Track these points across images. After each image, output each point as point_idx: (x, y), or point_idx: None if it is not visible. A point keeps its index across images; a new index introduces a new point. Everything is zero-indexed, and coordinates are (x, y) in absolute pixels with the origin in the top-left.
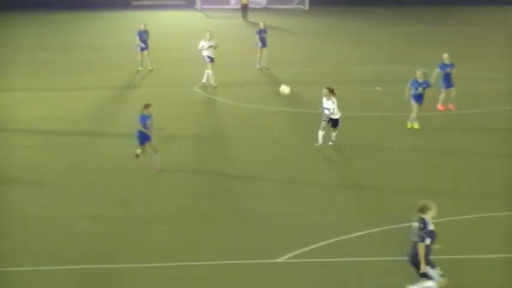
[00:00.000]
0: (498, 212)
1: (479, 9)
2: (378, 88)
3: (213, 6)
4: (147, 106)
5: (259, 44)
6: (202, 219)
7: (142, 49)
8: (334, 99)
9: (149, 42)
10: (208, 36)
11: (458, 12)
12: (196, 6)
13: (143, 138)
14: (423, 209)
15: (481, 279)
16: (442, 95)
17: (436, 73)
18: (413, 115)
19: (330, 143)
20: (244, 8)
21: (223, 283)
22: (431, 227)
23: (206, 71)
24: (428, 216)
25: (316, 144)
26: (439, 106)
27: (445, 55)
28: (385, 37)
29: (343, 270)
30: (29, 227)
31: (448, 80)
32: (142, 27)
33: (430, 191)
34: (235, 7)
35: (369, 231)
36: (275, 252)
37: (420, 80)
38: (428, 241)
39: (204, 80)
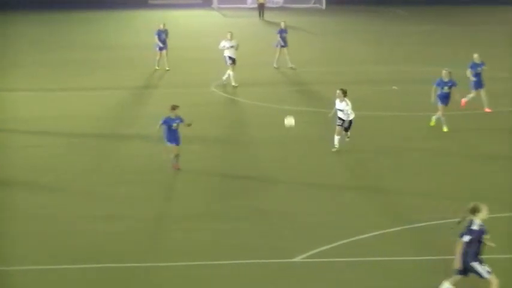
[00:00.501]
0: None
1: (495, 10)
2: (394, 87)
3: (230, 5)
4: (174, 108)
5: (280, 44)
6: (219, 219)
7: (160, 49)
8: (347, 100)
9: (167, 41)
10: (229, 36)
11: (474, 12)
12: (213, 6)
13: (172, 138)
14: (473, 210)
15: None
16: (471, 95)
17: (468, 73)
18: (439, 116)
19: (334, 149)
20: (261, 7)
21: (240, 282)
22: (475, 227)
23: (228, 71)
24: (478, 218)
25: (334, 150)
26: (463, 101)
27: (476, 55)
28: (401, 37)
29: (360, 270)
30: (48, 227)
31: (478, 81)
32: (161, 26)
33: (446, 194)
34: (251, 6)
35: (384, 231)
36: (291, 252)
37: (446, 80)
38: (467, 238)
39: (224, 78)
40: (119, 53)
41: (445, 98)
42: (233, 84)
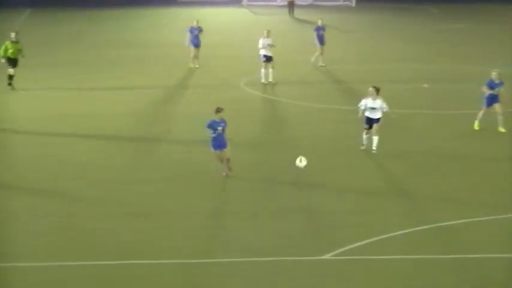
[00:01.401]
0: None
1: None
2: (425, 85)
3: (260, 2)
4: (219, 110)
5: (317, 42)
6: (249, 216)
7: (195, 45)
8: (380, 98)
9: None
10: (265, 33)
11: (507, 11)
12: (242, 3)
13: (217, 144)
14: None
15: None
16: None
17: None
18: (480, 115)
19: (373, 151)
20: (291, 5)
21: (269, 279)
22: None
23: (262, 70)
24: None
25: (362, 148)
26: None
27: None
28: (432, 34)
29: (389, 267)
30: (84, 223)
31: None
32: (194, 23)
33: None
34: (281, 4)
35: (413, 229)
36: (321, 249)
37: (496, 81)
38: None
39: (263, 80)
40: (149, 51)
41: (493, 100)
42: (270, 80)
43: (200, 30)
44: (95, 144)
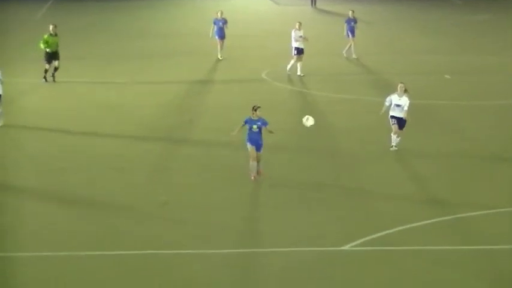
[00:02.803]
0: None
1: None
2: (447, 76)
3: None
4: (255, 109)
5: (349, 34)
6: (271, 207)
7: (220, 37)
8: (406, 96)
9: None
10: (297, 26)
11: None
12: None
13: (251, 140)
14: None
15: None
16: None
17: None
18: None
19: (394, 148)
20: None
21: (289, 270)
22: None
23: (292, 61)
24: None
25: (392, 149)
26: None
27: None
28: (455, 26)
29: (409, 258)
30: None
31: None
32: (218, 15)
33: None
34: None
35: (433, 220)
36: (341, 240)
37: None
38: None
39: (288, 72)
40: (174, 42)
41: None
42: (298, 74)
43: (225, 21)
44: (120, 134)
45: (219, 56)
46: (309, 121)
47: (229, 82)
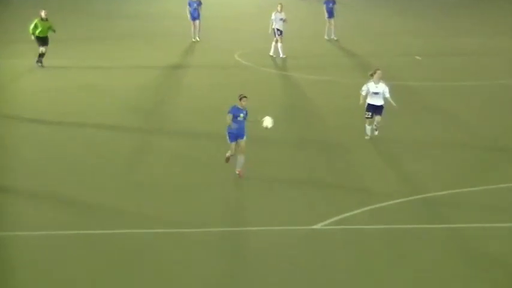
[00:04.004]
0: None
1: None
2: (417, 57)
3: None
4: (241, 98)
5: (327, 15)
6: (245, 189)
7: (194, 19)
8: (383, 82)
9: (202, 12)
10: (279, 8)
11: None
12: None
13: (235, 134)
14: None
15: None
16: None
17: None
18: None
19: (375, 132)
20: None
21: (262, 248)
22: None
23: (273, 43)
24: None
25: (366, 138)
26: None
27: None
28: (426, 8)
29: (377, 236)
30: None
31: None
32: None
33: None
34: None
35: (402, 200)
36: (313, 220)
37: None
38: None
39: (271, 53)
40: (148, 24)
41: None
42: (282, 55)
43: (199, 3)
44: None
45: (192, 39)
46: (266, 122)
47: (204, 63)
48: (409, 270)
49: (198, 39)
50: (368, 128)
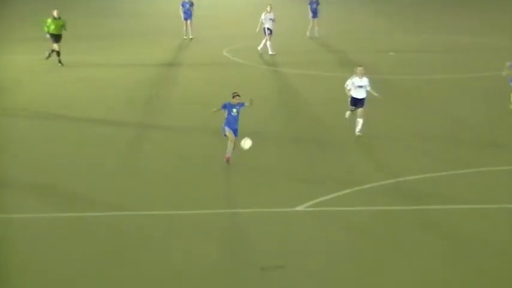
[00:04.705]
0: None
1: None
2: (391, 53)
3: None
4: (234, 96)
5: (311, 15)
6: (232, 172)
7: (185, 18)
8: (366, 77)
9: (194, 12)
10: (268, 8)
11: None
12: None
13: (229, 126)
14: None
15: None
16: None
17: None
18: None
19: (358, 134)
20: None
21: (246, 229)
22: None
23: (268, 42)
24: None
25: (346, 117)
26: None
27: None
28: (401, 7)
29: (356, 216)
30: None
31: None
32: None
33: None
34: None
35: (381, 183)
36: (295, 202)
37: None
38: None
39: (270, 52)
40: (143, 22)
41: None
42: (272, 52)
43: (191, 3)
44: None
45: (184, 36)
46: (246, 143)
47: (194, 59)
48: (388, 249)
49: (190, 37)
50: (348, 113)
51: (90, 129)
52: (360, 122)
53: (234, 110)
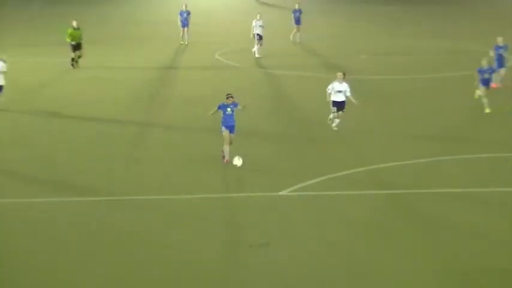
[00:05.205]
0: None
1: None
2: (363, 56)
3: None
4: (228, 97)
5: (294, 22)
6: (215, 163)
7: (183, 26)
8: (346, 82)
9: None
10: (258, 17)
11: None
12: None
13: (226, 125)
14: None
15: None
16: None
17: (490, 54)
18: (484, 99)
19: (335, 128)
20: None
21: (236, 212)
22: None
23: (256, 46)
24: None
25: (333, 125)
26: (493, 84)
27: (500, 38)
28: (373, 15)
29: (333, 200)
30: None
31: (500, 61)
32: (183, 7)
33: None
34: None
35: (354, 170)
36: (279, 187)
37: (485, 68)
38: None
39: (257, 55)
40: (146, 29)
41: (486, 83)
42: (258, 55)
43: (188, 12)
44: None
45: (181, 42)
46: (239, 161)
47: (190, 61)
48: (358, 230)
49: (186, 43)
50: (331, 115)
51: (99, 124)
52: (336, 120)
53: (229, 109)
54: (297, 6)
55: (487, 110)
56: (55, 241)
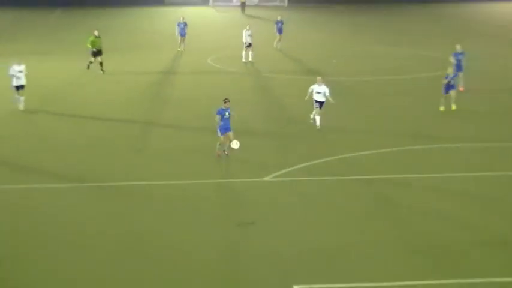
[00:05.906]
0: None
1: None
2: (334, 61)
3: (221, 3)
4: (225, 101)
5: (277, 32)
6: (207, 151)
7: (181, 35)
8: (325, 85)
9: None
10: (247, 27)
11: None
12: (209, 4)
13: (224, 127)
14: None
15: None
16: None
17: (450, 60)
18: (442, 99)
19: (318, 127)
20: (243, 5)
21: (224, 195)
22: None
23: (244, 52)
24: None
25: (318, 127)
26: (461, 88)
27: (458, 46)
28: (339, 25)
29: (312, 185)
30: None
31: (459, 66)
32: (181, 19)
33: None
34: (236, 4)
35: (327, 159)
36: (262, 173)
37: (451, 75)
38: None
39: (244, 60)
40: (147, 38)
41: (449, 88)
42: (245, 60)
43: (185, 24)
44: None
45: (178, 49)
46: (237, 145)
47: (186, 66)
48: (339, 214)
49: (183, 50)
50: (317, 118)
51: (107, 121)
52: (317, 119)
53: (226, 113)
54: (279, 18)
55: (441, 108)
56: (55, 225)
